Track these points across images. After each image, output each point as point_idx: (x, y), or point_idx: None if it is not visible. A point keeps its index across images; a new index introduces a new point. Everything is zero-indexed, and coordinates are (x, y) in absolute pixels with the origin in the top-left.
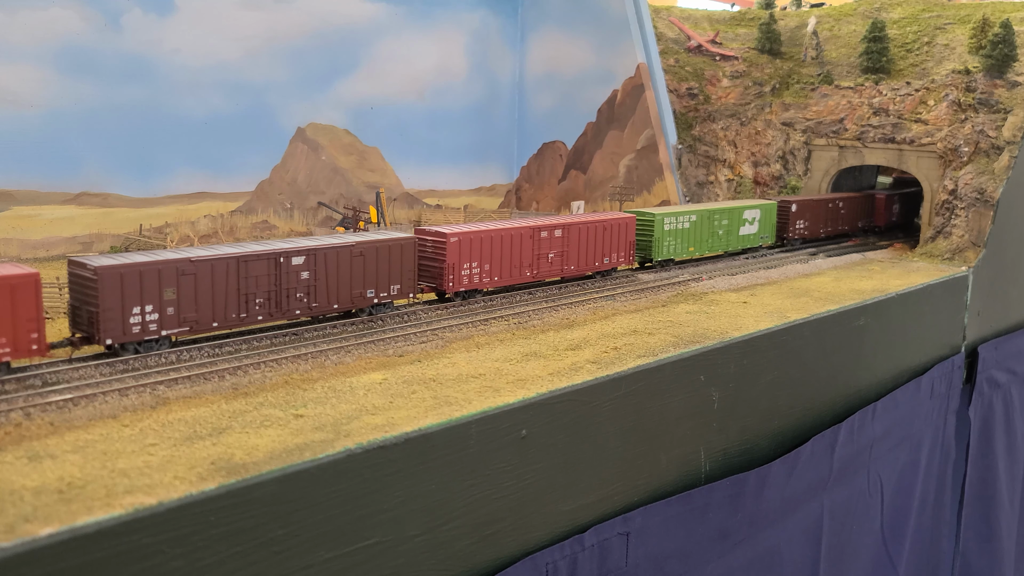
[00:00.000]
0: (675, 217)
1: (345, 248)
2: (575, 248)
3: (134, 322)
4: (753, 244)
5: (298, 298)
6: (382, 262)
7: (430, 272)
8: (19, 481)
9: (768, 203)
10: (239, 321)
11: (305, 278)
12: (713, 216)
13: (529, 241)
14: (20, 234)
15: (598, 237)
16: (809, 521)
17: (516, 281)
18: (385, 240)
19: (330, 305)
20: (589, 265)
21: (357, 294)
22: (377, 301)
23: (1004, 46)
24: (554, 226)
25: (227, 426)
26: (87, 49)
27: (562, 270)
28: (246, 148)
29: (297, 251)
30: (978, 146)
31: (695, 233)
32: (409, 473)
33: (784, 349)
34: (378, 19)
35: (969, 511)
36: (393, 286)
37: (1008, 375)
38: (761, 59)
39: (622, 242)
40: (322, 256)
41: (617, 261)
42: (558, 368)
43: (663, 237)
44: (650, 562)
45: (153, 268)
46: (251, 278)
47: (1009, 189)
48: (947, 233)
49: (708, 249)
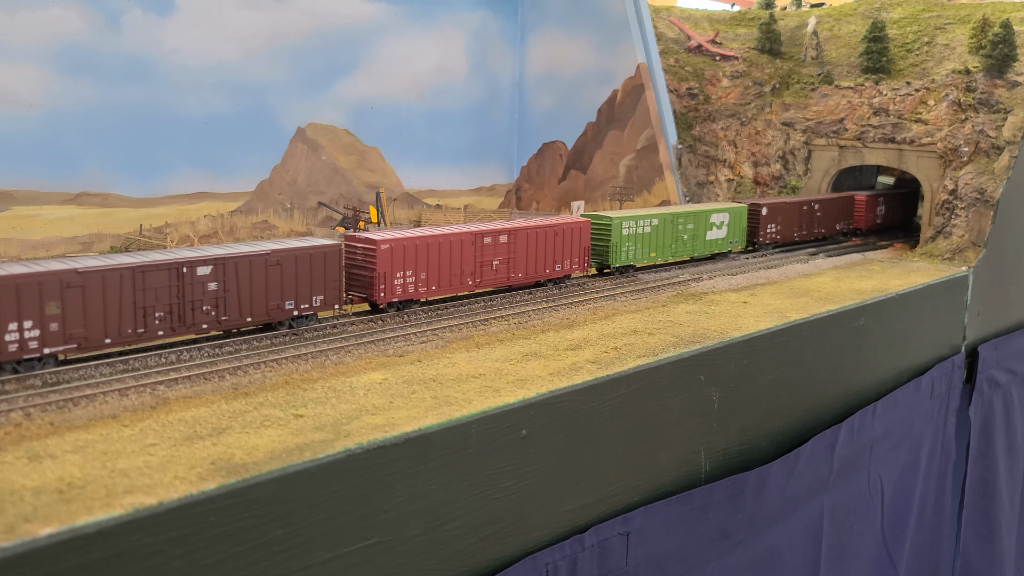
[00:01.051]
0: (634, 221)
1: (259, 257)
2: (523, 255)
3: (10, 339)
4: (721, 249)
5: (205, 311)
6: (302, 271)
7: (361, 281)
8: (19, 481)
9: (738, 206)
10: (136, 337)
11: (213, 289)
12: (677, 220)
13: (471, 248)
14: (20, 234)
15: (549, 243)
16: (809, 521)
17: (457, 291)
18: (305, 248)
19: (243, 318)
20: (539, 272)
21: (274, 306)
22: (298, 313)
23: (1004, 46)
24: (499, 231)
25: (227, 426)
26: (87, 49)
27: (509, 278)
28: (246, 148)
29: (203, 260)
30: (978, 146)
31: (657, 238)
32: (409, 473)
33: (784, 349)
34: (378, 19)
35: (969, 511)
36: (316, 297)
37: (1008, 375)
38: (761, 59)
39: (575, 248)
40: (232, 265)
41: (570, 268)
42: (558, 368)
43: (621, 242)
44: (650, 562)
45: (32, 280)
46: (149, 290)
47: (1009, 189)
48: (947, 233)
49: (672, 254)
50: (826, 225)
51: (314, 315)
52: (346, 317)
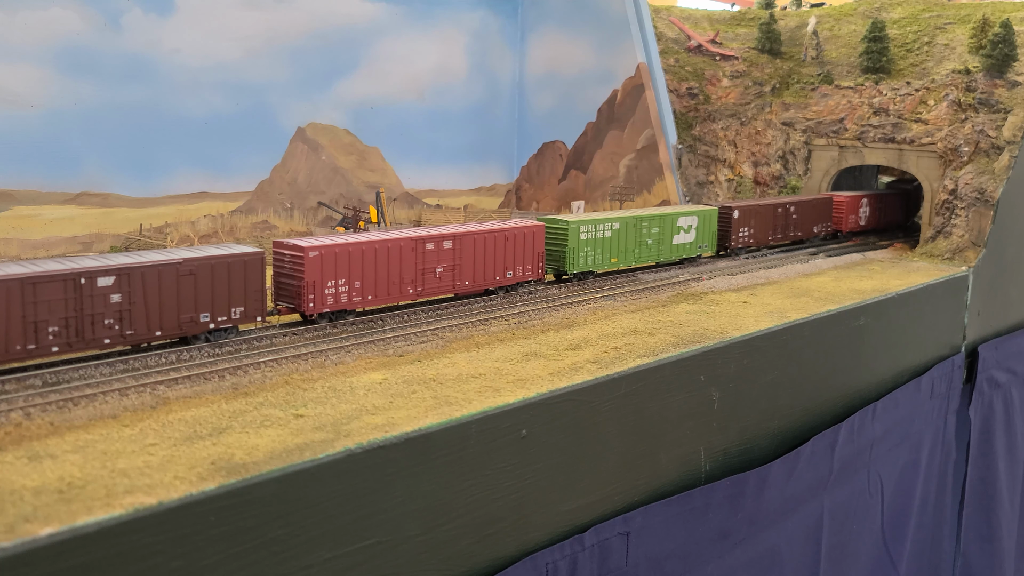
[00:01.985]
0: (593, 225)
1: (169, 266)
2: (470, 261)
3: None
4: (690, 254)
5: (107, 325)
6: (219, 282)
7: (289, 291)
8: (19, 481)
9: (707, 209)
10: (26, 353)
11: (116, 302)
12: (640, 224)
13: (411, 254)
14: (20, 234)
15: (499, 248)
16: (809, 521)
17: (396, 300)
18: (223, 256)
19: (151, 332)
20: (488, 280)
21: (187, 319)
22: (215, 327)
23: (1004, 46)
24: (443, 237)
25: (227, 426)
26: (87, 49)
27: (454, 286)
28: (246, 148)
29: (104, 270)
30: (978, 146)
31: (618, 242)
32: (409, 473)
33: (784, 349)
34: (378, 19)
35: (969, 511)
36: (235, 308)
37: (1008, 375)
38: (761, 59)
39: (529, 253)
40: (138, 276)
41: (523, 275)
42: (558, 368)
43: (579, 247)
44: (650, 562)
45: None
46: (41, 303)
47: (1009, 189)
48: (947, 233)
49: (635, 260)
50: (803, 228)
51: (234, 328)
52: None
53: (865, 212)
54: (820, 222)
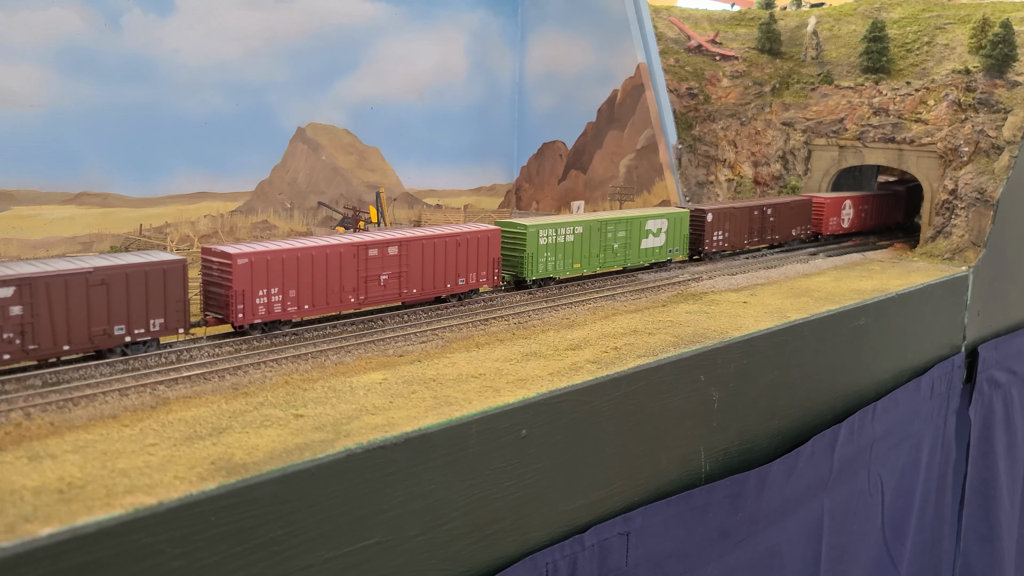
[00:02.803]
0: (554, 229)
1: (77, 276)
2: (418, 268)
3: None
4: (659, 258)
5: (5, 340)
6: (136, 291)
7: (217, 300)
8: (19, 481)
9: (678, 212)
10: None
11: (16, 314)
12: (605, 227)
13: (352, 261)
14: (20, 234)
15: (450, 254)
16: (809, 521)
17: (337, 309)
18: (139, 264)
19: (57, 347)
20: (438, 287)
21: (99, 332)
22: (131, 340)
23: (1004, 46)
24: (387, 242)
25: (227, 426)
26: (87, 49)
27: (400, 294)
28: (246, 148)
29: (2, 281)
30: (978, 146)
31: (582, 247)
32: (409, 473)
33: (784, 349)
34: (378, 19)
35: (969, 511)
36: (154, 320)
37: (1008, 375)
38: (761, 59)
39: (483, 259)
40: (41, 287)
41: (477, 282)
42: (558, 368)
43: (538, 252)
44: (650, 562)
45: None
46: None
47: (1009, 189)
48: (947, 233)
49: (600, 265)
50: (781, 231)
51: (154, 341)
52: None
53: (848, 214)
54: (799, 225)
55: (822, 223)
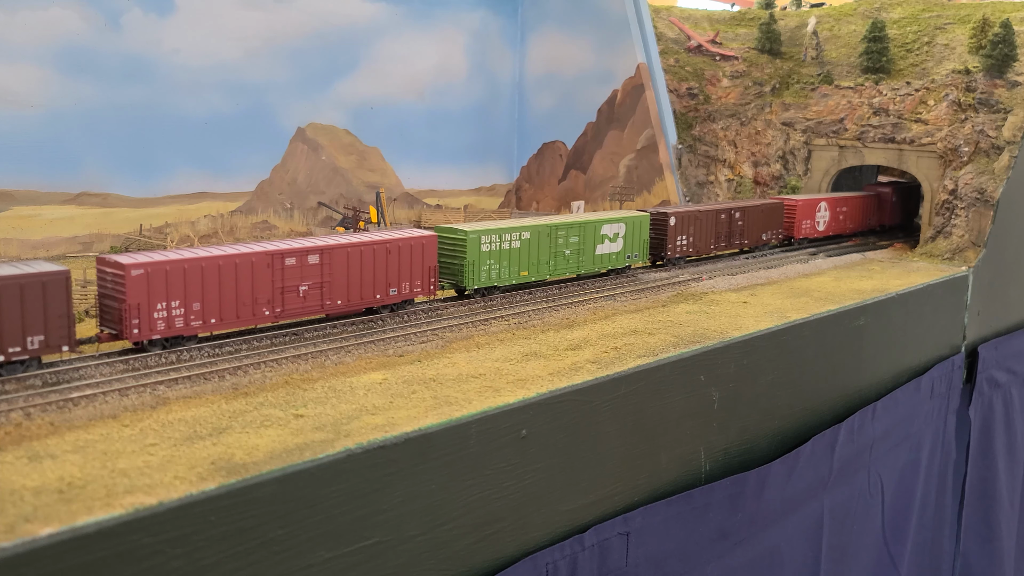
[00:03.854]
0: (498, 235)
1: None
2: (342, 278)
3: None
4: (616, 265)
5: None
6: (10, 306)
7: (111, 315)
8: (19, 481)
9: (637, 216)
10: None
11: None
12: (555, 232)
13: (266, 271)
14: (20, 234)
15: (379, 262)
16: (809, 521)
17: (249, 323)
18: (13, 277)
19: None
20: (367, 298)
21: None
22: (5, 359)
23: (1004, 46)
24: (307, 251)
25: (227, 426)
26: (87, 49)
27: (323, 306)
28: (246, 148)
29: None
30: (978, 146)
31: (529, 253)
32: (409, 473)
33: (784, 349)
34: (378, 19)
35: (969, 511)
36: (32, 338)
37: (1008, 375)
38: (761, 59)
39: (418, 267)
40: None
41: (411, 291)
42: (558, 368)
43: (480, 260)
44: (650, 562)
45: None
46: None
47: (1009, 189)
48: (947, 233)
49: (549, 272)
50: (750, 235)
51: (34, 360)
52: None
53: (824, 217)
54: (770, 228)
55: (794, 226)
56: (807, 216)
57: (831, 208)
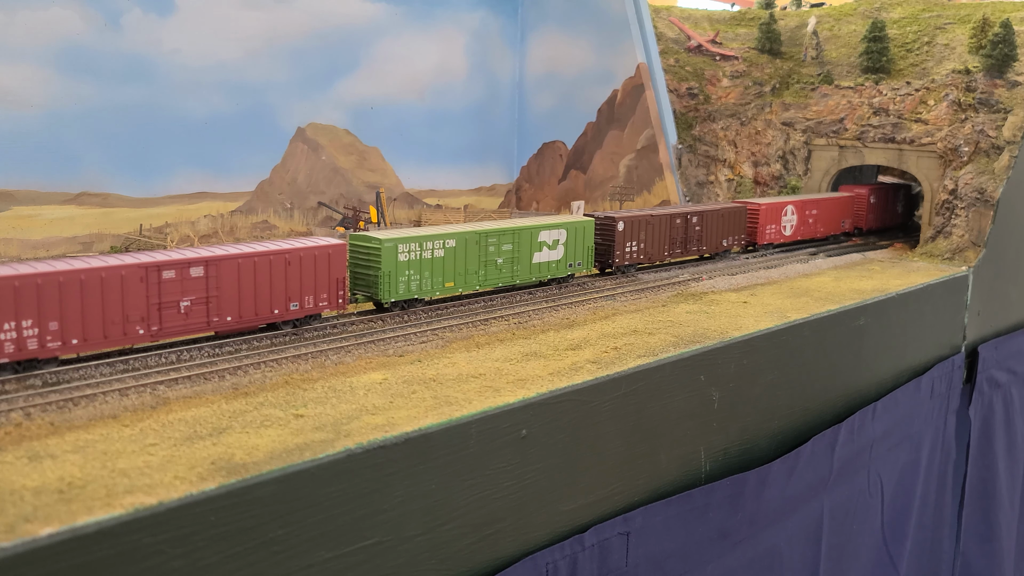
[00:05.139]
0: (418, 243)
1: None
2: (232, 292)
3: None
4: (557, 274)
5: None
6: None
7: None
8: (19, 481)
9: (580, 221)
10: None
11: None
12: (485, 240)
13: (139, 285)
14: (20, 234)
15: (276, 275)
16: (809, 521)
17: (119, 343)
18: None
19: None
20: (261, 314)
21: None
22: None
23: (1004, 46)
24: (188, 262)
25: (227, 426)
26: (87, 49)
27: (210, 323)
28: (246, 148)
29: None
30: (978, 146)
31: (455, 262)
32: (409, 473)
33: (784, 349)
34: (378, 19)
35: (969, 511)
36: None
37: (1008, 375)
38: (761, 59)
39: (323, 279)
40: None
41: (316, 305)
42: (558, 368)
43: (398, 270)
44: (650, 562)
45: None
46: None
47: (1009, 189)
48: (947, 233)
49: (479, 283)
50: (709, 241)
51: None
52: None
53: (791, 221)
54: (731, 234)
55: (757, 232)
56: (772, 220)
57: (799, 211)
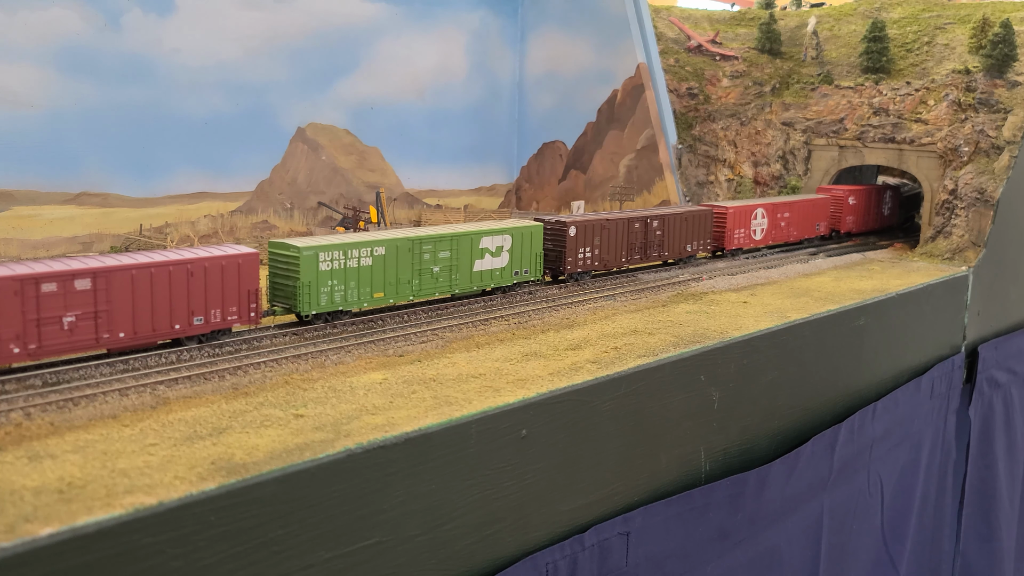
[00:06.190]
0: (342, 251)
1: None
2: (126, 305)
3: None
4: (502, 282)
5: None
6: None
7: None
8: (19, 481)
9: (527, 226)
10: None
11: None
12: (420, 246)
13: (14, 300)
14: (20, 234)
15: (179, 286)
16: (809, 521)
17: None
18: None
19: None
20: (162, 329)
21: None
22: None
23: (1004, 46)
24: (72, 274)
25: (227, 426)
26: (87, 49)
27: (98, 340)
28: (246, 148)
29: None
30: (978, 146)
31: (385, 271)
32: (409, 473)
33: (784, 349)
34: (378, 19)
35: (969, 511)
36: None
37: (1008, 375)
38: (761, 59)
39: (232, 291)
40: None
41: (224, 319)
42: (558, 368)
43: (318, 280)
44: (650, 562)
45: None
46: None
47: (1009, 189)
48: (947, 233)
49: (413, 293)
50: (671, 247)
51: None
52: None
53: (761, 225)
54: (696, 239)
55: (725, 236)
56: (740, 224)
57: (770, 214)
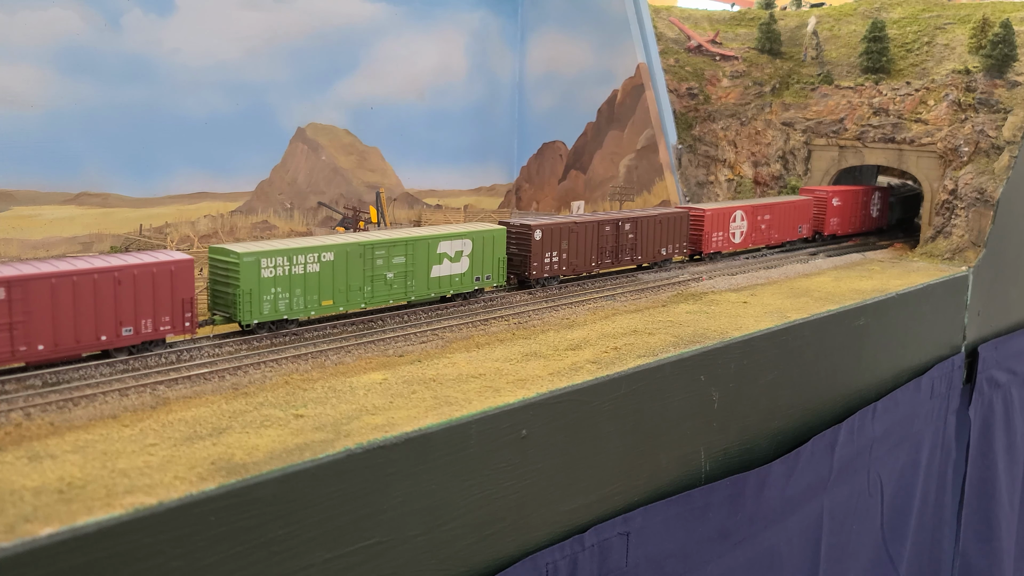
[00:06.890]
0: (286, 257)
1: None
2: (45, 316)
3: None
4: (462, 288)
5: None
6: None
7: None
8: (19, 481)
9: (489, 229)
10: None
11: None
12: (372, 251)
13: None
14: (20, 234)
15: (105, 295)
16: (809, 521)
17: None
18: None
19: None
20: (85, 341)
21: None
22: None
23: (1004, 46)
24: None
25: (227, 426)
26: (87, 49)
27: (14, 353)
28: (246, 148)
29: None
30: (978, 146)
31: (334, 278)
32: (409, 473)
33: (784, 349)
34: (378, 19)
35: (969, 511)
36: None
37: (1008, 375)
38: (761, 59)
39: (163, 300)
40: None
41: (156, 329)
42: (558, 368)
43: (260, 288)
44: (650, 562)
45: None
46: None
47: (1009, 189)
48: (947, 233)
49: (365, 300)
50: (645, 250)
51: None
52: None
53: (740, 227)
54: (671, 242)
55: (702, 239)
56: (719, 227)
57: (750, 217)
